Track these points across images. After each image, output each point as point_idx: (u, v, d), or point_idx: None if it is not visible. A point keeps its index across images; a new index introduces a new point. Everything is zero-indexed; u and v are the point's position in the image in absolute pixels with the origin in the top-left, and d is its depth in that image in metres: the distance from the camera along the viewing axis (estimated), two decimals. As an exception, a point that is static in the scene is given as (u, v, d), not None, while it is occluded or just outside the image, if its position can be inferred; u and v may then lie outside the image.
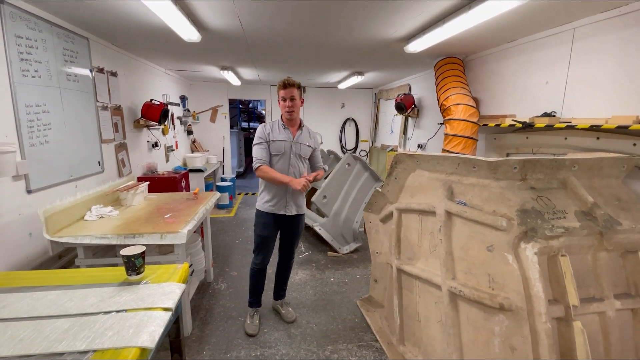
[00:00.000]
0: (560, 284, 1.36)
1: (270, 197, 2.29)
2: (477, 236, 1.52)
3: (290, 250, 2.49)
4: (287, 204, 2.29)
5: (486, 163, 1.53)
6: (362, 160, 4.02)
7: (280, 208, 2.29)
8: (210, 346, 2.21)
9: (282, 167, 2.26)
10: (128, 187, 2.64)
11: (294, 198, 2.31)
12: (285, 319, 2.52)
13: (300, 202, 2.35)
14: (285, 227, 2.39)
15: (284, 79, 2.14)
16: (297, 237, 2.47)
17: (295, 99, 2.18)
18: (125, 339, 0.96)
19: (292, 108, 2.18)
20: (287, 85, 2.13)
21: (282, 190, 2.26)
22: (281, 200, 2.28)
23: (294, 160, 2.28)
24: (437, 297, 1.73)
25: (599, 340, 1.40)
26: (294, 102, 2.17)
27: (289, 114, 2.20)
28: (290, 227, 2.39)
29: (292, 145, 2.25)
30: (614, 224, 1.43)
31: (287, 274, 2.60)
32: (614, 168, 1.64)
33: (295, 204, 2.32)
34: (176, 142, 5.03)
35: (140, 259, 1.30)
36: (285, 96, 2.16)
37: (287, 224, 2.36)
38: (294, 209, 2.32)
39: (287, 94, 2.15)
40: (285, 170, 2.26)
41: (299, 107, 2.24)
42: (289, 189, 2.25)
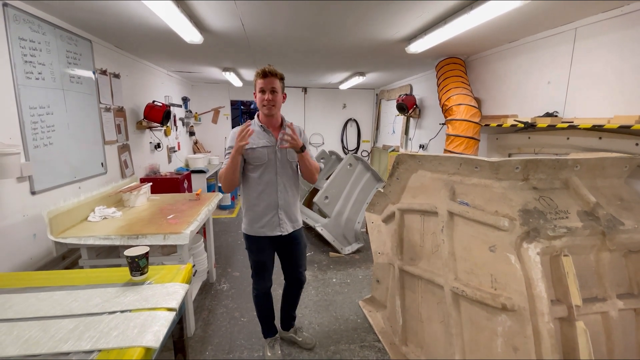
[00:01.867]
0: (562, 284, 1.36)
1: (257, 217, 1.86)
2: (480, 236, 1.53)
3: (297, 272, 2.06)
4: (280, 222, 1.87)
5: (488, 163, 1.53)
6: (364, 161, 4.03)
7: (274, 228, 1.87)
8: (213, 347, 2.22)
9: (269, 180, 1.83)
10: (131, 188, 2.66)
11: (287, 213, 1.89)
12: (305, 346, 2.18)
13: (294, 215, 1.95)
14: (283, 249, 2.00)
15: (263, 67, 1.72)
16: (301, 256, 2.04)
17: (277, 91, 1.74)
18: (130, 339, 0.97)
19: (273, 102, 1.74)
20: (268, 74, 1.70)
21: (270, 207, 1.85)
22: (272, 218, 1.86)
23: (281, 169, 1.85)
24: (439, 298, 1.73)
25: (602, 340, 1.40)
26: (274, 95, 1.74)
27: (268, 109, 1.76)
28: (289, 247, 1.99)
29: (276, 151, 1.82)
30: (616, 223, 1.42)
31: (296, 300, 2.21)
32: (616, 168, 1.64)
33: (290, 219, 1.91)
34: (178, 143, 5.05)
35: (144, 259, 1.31)
36: (264, 87, 1.71)
37: (285, 244, 1.96)
38: (289, 225, 1.92)
39: (266, 85, 1.71)
40: (273, 182, 1.84)
41: (281, 103, 1.81)
42: (278, 203, 1.86)
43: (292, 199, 1.92)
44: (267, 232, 1.87)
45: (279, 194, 1.86)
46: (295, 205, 1.97)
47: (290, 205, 1.92)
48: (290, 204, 1.91)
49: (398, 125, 5.69)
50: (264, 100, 1.74)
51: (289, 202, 1.90)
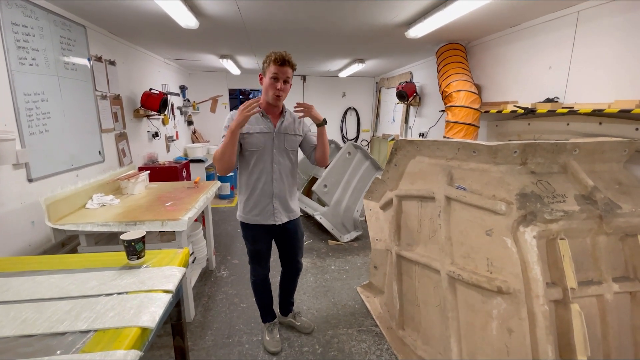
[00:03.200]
0: (558, 267, 1.37)
1: (252, 206, 1.83)
2: (476, 221, 1.52)
3: (293, 261, 2.08)
4: (274, 212, 1.83)
5: (486, 147, 1.52)
6: (363, 149, 4.01)
7: (268, 217, 1.83)
8: (213, 331, 2.25)
9: (264, 167, 1.78)
10: (129, 176, 2.65)
11: (281, 202, 1.85)
12: (303, 330, 2.22)
13: (289, 206, 1.90)
14: (279, 237, 1.98)
15: (281, 53, 1.63)
16: (298, 245, 2.03)
17: (289, 82, 1.71)
18: (126, 319, 0.98)
19: (283, 92, 1.70)
20: (285, 62, 1.62)
21: (265, 195, 1.81)
22: (266, 207, 1.82)
23: (278, 157, 1.80)
24: (435, 282, 1.74)
25: (597, 322, 1.41)
26: (286, 85, 1.70)
27: (277, 98, 1.70)
28: (284, 236, 1.96)
29: (273, 138, 1.77)
30: (614, 207, 1.42)
31: (294, 287, 2.22)
32: (615, 152, 1.62)
33: (285, 209, 1.87)
34: (176, 133, 5.02)
35: (141, 243, 1.31)
36: (279, 75, 1.64)
37: (281, 233, 1.93)
38: (284, 215, 1.87)
39: (282, 73, 1.64)
40: (268, 170, 1.79)
41: (287, 93, 1.76)
42: (273, 192, 1.81)
43: (288, 188, 1.87)
44: (261, 220, 1.84)
45: (274, 183, 1.81)
46: (292, 195, 1.92)
47: (286, 195, 1.87)
48: (285, 193, 1.86)
49: (398, 114, 5.65)
50: (276, 89, 1.67)
51: (284, 191, 1.85)
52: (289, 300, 2.26)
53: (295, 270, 2.13)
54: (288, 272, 2.15)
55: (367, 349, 2.10)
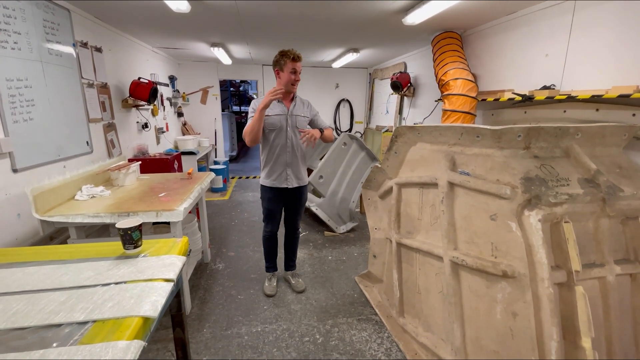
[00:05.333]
0: (562, 250, 1.37)
1: (269, 172, 2.34)
2: (480, 206, 1.51)
3: (294, 221, 2.55)
4: (287, 177, 2.33)
5: (490, 131, 1.50)
6: (359, 140, 3.97)
7: (282, 181, 2.34)
8: (211, 324, 2.21)
9: (280, 142, 2.27)
10: (119, 166, 2.56)
11: (293, 170, 2.34)
12: (295, 289, 2.61)
13: (300, 174, 2.38)
14: (288, 199, 2.44)
15: (294, 51, 2.15)
16: (300, 209, 2.52)
17: (299, 72, 2.22)
18: (126, 309, 0.93)
19: (298, 82, 2.22)
20: (298, 59, 2.16)
21: (280, 164, 2.31)
22: (281, 174, 2.32)
23: (291, 134, 2.27)
24: (437, 269, 1.73)
25: (599, 304, 1.42)
26: (299, 76, 2.22)
27: (294, 87, 2.22)
28: (293, 199, 2.44)
29: (287, 119, 2.25)
30: (616, 190, 1.43)
31: (295, 245, 2.68)
32: (615, 136, 1.63)
33: (295, 176, 2.36)
34: (166, 124, 4.89)
35: (137, 232, 1.25)
36: (296, 69, 2.17)
37: (290, 196, 2.41)
38: (295, 181, 2.36)
39: (298, 67, 2.17)
40: (283, 145, 2.27)
41: None
42: (287, 161, 2.30)
43: (299, 160, 2.36)
44: (277, 184, 2.34)
45: (288, 155, 2.30)
46: (302, 165, 2.41)
47: (297, 165, 2.36)
48: (296, 163, 2.35)
49: (392, 105, 5.62)
50: (294, 80, 2.19)
51: (296, 162, 2.34)
52: (291, 257, 2.71)
53: (293, 230, 2.60)
54: (289, 232, 2.62)
55: (367, 337, 2.09)
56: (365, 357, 1.93)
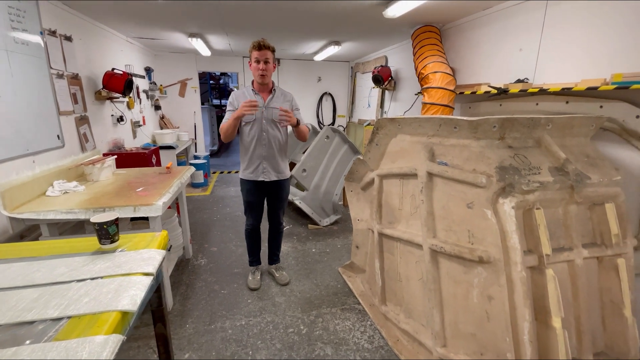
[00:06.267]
0: (534, 235, 1.43)
1: (247, 165, 2.31)
2: (458, 195, 1.56)
3: (276, 215, 2.52)
4: (264, 170, 2.30)
5: (467, 122, 1.55)
6: (341, 133, 3.99)
7: (259, 175, 2.31)
8: (193, 319, 2.18)
9: (255, 135, 2.22)
10: (93, 161, 2.46)
11: (270, 164, 2.30)
12: (279, 282, 2.60)
13: (278, 167, 2.33)
14: (268, 193, 2.41)
15: (258, 40, 2.08)
16: (282, 203, 2.49)
17: (269, 62, 2.12)
18: (103, 304, 0.90)
19: (265, 71, 2.12)
20: (262, 47, 2.07)
21: (258, 157, 2.27)
22: (258, 167, 2.29)
23: (267, 127, 2.22)
24: (418, 257, 1.78)
25: (568, 286, 1.51)
26: (267, 65, 2.11)
27: (262, 77, 2.14)
28: (273, 192, 2.40)
29: (263, 111, 2.20)
30: (583, 178, 1.50)
31: (278, 239, 2.66)
32: (583, 127, 1.71)
33: (274, 169, 2.32)
34: (143, 118, 4.73)
35: (114, 226, 1.21)
36: (259, 58, 2.09)
37: (270, 189, 2.38)
38: (273, 175, 2.32)
39: (261, 56, 2.08)
40: (258, 137, 2.22)
41: (272, 71, 2.19)
42: (262, 154, 2.26)
43: (277, 152, 2.29)
44: (254, 177, 2.31)
45: (263, 148, 2.25)
46: (281, 158, 2.35)
47: (274, 158, 2.29)
48: (273, 156, 2.28)
49: (373, 99, 5.67)
50: (259, 70, 2.11)
51: (272, 155, 2.28)
52: (275, 252, 2.69)
53: (276, 224, 2.56)
54: (272, 227, 2.59)
55: (351, 326, 2.13)
56: (348, 345, 1.97)
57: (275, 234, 2.62)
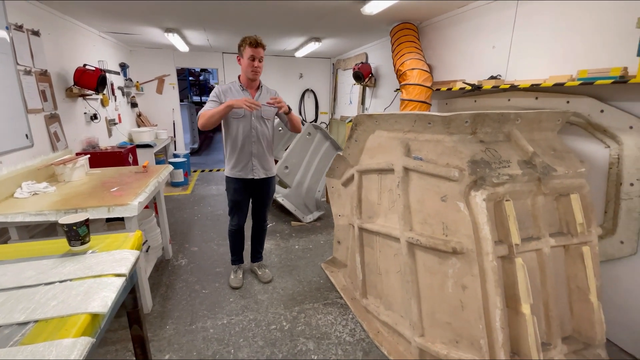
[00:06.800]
0: (504, 226, 1.49)
1: (235, 163, 2.27)
2: (432, 188, 1.60)
3: (262, 212, 2.51)
4: (253, 168, 2.28)
5: (440, 118, 1.59)
6: (323, 130, 4.00)
7: (248, 172, 2.28)
8: (174, 320, 2.15)
9: (244, 132, 2.21)
10: (64, 160, 2.37)
11: (260, 161, 2.29)
12: (262, 280, 2.59)
13: (267, 164, 2.34)
14: (255, 191, 2.39)
15: (253, 37, 2.06)
16: (268, 200, 2.49)
17: (262, 60, 2.14)
18: (72, 307, 0.88)
19: (259, 69, 2.13)
20: (258, 44, 2.07)
21: (246, 155, 2.25)
22: (247, 164, 2.27)
23: (256, 123, 2.22)
24: (396, 250, 1.82)
25: (537, 273, 1.58)
26: (260, 63, 2.13)
27: (255, 74, 2.14)
28: (260, 190, 2.39)
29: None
30: (550, 170, 1.57)
31: (262, 237, 2.65)
32: (550, 121, 1.79)
33: (262, 167, 2.31)
34: (119, 115, 4.59)
35: (84, 227, 1.18)
36: (255, 55, 2.08)
37: (257, 187, 2.37)
38: (262, 172, 2.32)
39: (257, 54, 2.08)
40: (247, 134, 2.21)
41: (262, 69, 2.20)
42: (252, 151, 2.24)
43: (265, 150, 2.29)
44: (243, 175, 2.28)
45: (253, 145, 2.24)
46: (269, 156, 2.35)
47: (263, 155, 2.30)
48: (262, 153, 2.28)
49: (355, 96, 5.70)
50: (253, 67, 2.10)
51: (262, 152, 2.28)
52: (258, 249, 2.68)
53: (261, 222, 2.55)
54: (256, 224, 2.57)
55: (333, 320, 2.16)
56: (330, 339, 1.99)
57: (259, 232, 2.60)
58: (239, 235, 2.51)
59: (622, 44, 1.82)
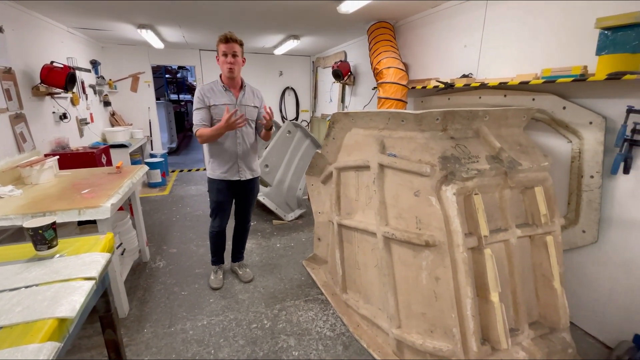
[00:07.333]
0: (474, 218, 1.56)
1: (220, 164, 2.23)
2: (406, 184, 1.65)
3: (246, 213, 2.48)
4: (239, 170, 2.26)
5: (413, 116, 1.63)
6: (303, 128, 4.00)
7: (234, 174, 2.25)
8: (152, 323, 2.11)
9: (229, 133, 2.15)
10: (31, 162, 2.28)
11: (246, 162, 2.26)
12: (243, 279, 2.57)
13: (253, 165, 2.32)
14: (240, 192, 2.36)
15: (225, 33, 2.01)
16: (253, 200, 2.47)
17: (237, 55, 2.06)
18: (38, 312, 0.86)
19: (234, 65, 2.05)
20: (229, 40, 2.00)
21: (232, 156, 2.21)
22: (233, 166, 2.23)
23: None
24: (373, 244, 1.86)
25: (505, 263, 1.66)
26: (235, 58, 2.05)
27: (230, 71, 2.07)
28: (244, 191, 2.37)
29: (236, 109, 2.11)
30: (515, 164, 1.65)
31: (244, 237, 2.62)
32: (517, 118, 1.87)
33: (248, 168, 2.29)
34: (91, 115, 4.42)
35: (51, 230, 1.14)
36: (226, 51, 2.02)
37: (242, 188, 2.34)
38: (248, 173, 2.30)
39: (228, 49, 2.02)
40: (233, 136, 2.18)
41: (241, 65, 2.12)
42: (237, 153, 2.21)
43: (250, 150, 2.28)
44: (228, 177, 2.25)
45: (238, 146, 2.21)
46: (254, 156, 2.33)
47: (248, 156, 2.27)
48: (247, 154, 2.26)
49: (335, 94, 5.73)
50: (227, 63, 2.04)
51: (247, 153, 2.26)
52: (239, 250, 2.65)
53: (244, 222, 2.52)
54: (239, 225, 2.53)
55: (314, 316, 2.18)
56: (311, 335, 2.02)
57: (241, 232, 2.57)
58: (220, 237, 2.46)
59: (584, 43, 1.92)
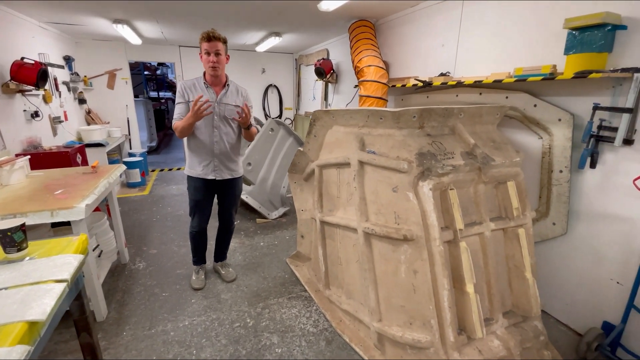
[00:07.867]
0: (449, 213, 1.61)
1: (196, 162, 2.19)
2: (385, 180, 1.68)
3: (228, 214, 2.42)
4: (215, 168, 2.20)
5: (390, 113, 1.67)
6: (286, 126, 4.00)
7: (209, 173, 2.19)
8: (131, 326, 2.07)
9: (207, 132, 2.12)
10: (1, 162, 2.18)
11: (222, 161, 2.20)
12: (225, 279, 2.54)
13: (231, 165, 2.25)
14: (220, 192, 2.32)
15: (208, 31, 1.96)
16: (234, 202, 2.40)
17: (221, 54, 2.02)
18: (7, 316, 0.83)
19: (217, 64, 2.01)
20: (212, 38, 1.96)
21: (208, 154, 2.16)
22: (209, 164, 2.18)
23: (218, 123, 2.13)
24: (354, 240, 1.89)
25: (479, 255, 1.72)
26: (219, 57, 2.02)
27: (213, 69, 2.03)
28: (225, 191, 2.31)
29: (215, 107, 2.10)
30: (489, 160, 1.71)
31: (228, 238, 2.58)
32: (490, 115, 1.94)
33: (226, 168, 2.23)
34: (65, 113, 4.26)
35: (20, 232, 1.11)
36: (209, 49, 1.98)
37: (221, 188, 2.29)
38: (226, 173, 2.24)
39: (211, 48, 1.98)
40: (210, 134, 2.12)
41: (224, 64, 2.09)
42: (214, 152, 2.16)
43: (229, 150, 2.20)
44: (203, 175, 2.20)
45: (215, 145, 2.16)
46: (234, 156, 2.26)
47: (227, 155, 2.21)
48: (226, 154, 2.20)
49: (318, 92, 5.74)
50: (210, 62, 2.00)
51: (224, 152, 2.19)
52: (223, 250, 2.61)
53: (228, 224, 2.47)
54: (222, 226, 2.48)
55: (297, 313, 2.20)
56: (294, 331, 2.03)
57: (225, 232, 2.53)
58: (200, 237, 2.42)
59: (555, 43, 1.99)
